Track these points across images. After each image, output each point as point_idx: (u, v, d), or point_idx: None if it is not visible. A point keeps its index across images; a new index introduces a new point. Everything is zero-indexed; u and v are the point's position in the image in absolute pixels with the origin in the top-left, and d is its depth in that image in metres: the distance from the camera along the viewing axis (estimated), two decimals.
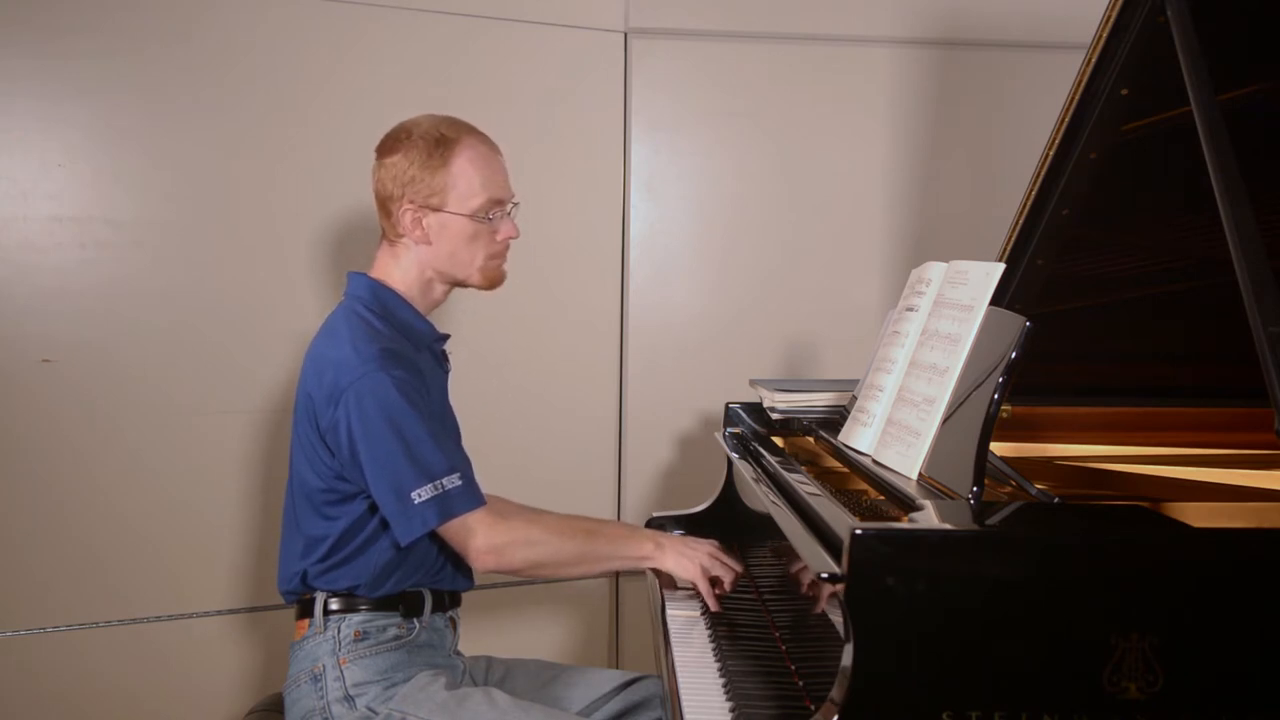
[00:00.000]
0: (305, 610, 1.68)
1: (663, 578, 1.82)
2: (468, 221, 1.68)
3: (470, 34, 2.59)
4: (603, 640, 2.85)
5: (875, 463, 1.55)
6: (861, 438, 1.63)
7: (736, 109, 2.77)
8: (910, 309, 1.63)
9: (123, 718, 2.40)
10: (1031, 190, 1.70)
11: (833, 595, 1.21)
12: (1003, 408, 1.30)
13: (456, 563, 1.71)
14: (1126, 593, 1.08)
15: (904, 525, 1.13)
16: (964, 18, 2.80)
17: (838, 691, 1.09)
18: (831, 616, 1.24)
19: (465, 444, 1.76)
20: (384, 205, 1.70)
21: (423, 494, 1.54)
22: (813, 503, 1.40)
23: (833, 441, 1.74)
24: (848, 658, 1.08)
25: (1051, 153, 1.65)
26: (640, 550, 1.68)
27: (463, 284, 1.74)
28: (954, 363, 1.42)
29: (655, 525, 2.07)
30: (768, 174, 2.80)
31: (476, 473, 1.64)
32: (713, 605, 1.66)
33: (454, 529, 1.57)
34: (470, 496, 1.58)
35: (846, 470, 1.75)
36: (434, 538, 1.61)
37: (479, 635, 2.31)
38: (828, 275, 2.83)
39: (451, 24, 2.57)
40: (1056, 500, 1.35)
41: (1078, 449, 1.78)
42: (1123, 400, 1.91)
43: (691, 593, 1.79)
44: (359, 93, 2.48)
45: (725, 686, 1.45)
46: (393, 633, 1.65)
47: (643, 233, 2.77)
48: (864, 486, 1.68)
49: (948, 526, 1.14)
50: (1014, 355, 1.29)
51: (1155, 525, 1.20)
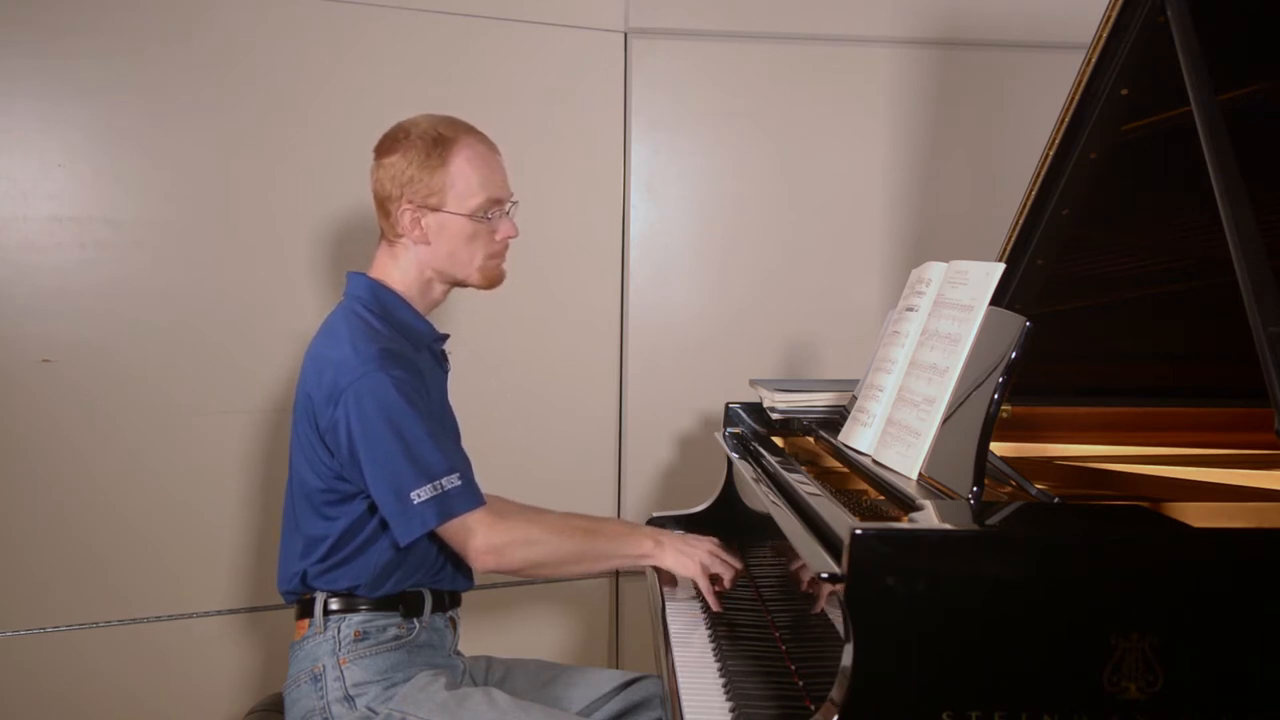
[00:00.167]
0: (305, 610, 1.68)
1: (663, 576, 1.83)
2: (466, 221, 1.68)
3: (470, 34, 2.59)
4: (603, 640, 2.85)
5: (875, 463, 1.55)
6: (861, 438, 1.63)
7: (736, 109, 2.77)
8: (910, 309, 1.63)
9: (123, 718, 2.40)
10: (1031, 190, 1.70)
11: (833, 595, 1.21)
12: (1003, 408, 1.30)
13: (456, 563, 1.71)
14: (1126, 593, 1.08)
15: (904, 525, 1.13)
16: (964, 18, 2.80)
17: (838, 691, 1.09)
18: (831, 616, 1.24)
19: (465, 444, 1.76)
20: (382, 205, 1.69)
21: (422, 494, 1.54)
22: (813, 503, 1.40)
23: (833, 441, 1.74)
24: (848, 658, 1.08)
25: (1051, 153, 1.65)
26: (640, 548, 1.68)
27: (462, 284, 1.74)
28: (954, 363, 1.42)
29: (655, 525, 2.06)
30: (768, 174, 2.80)
31: (476, 473, 1.64)
32: (713, 603, 1.66)
33: (453, 529, 1.57)
34: (469, 497, 1.58)
35: (846, 470, 1.75)
36: (433, 538, 1.61)
37: (479, 635, 2.32)
38: (828, 275, 2.83)
39: (451, 24, 2.57)
40: (1056, 500, 1.35)
41: (1078, 449, 1.78)
42: (1123, 400, 1.90)
43: (692, 593, 1.79)
44: (359, 93, 2.48)
45: (725, 686, 1.45)
46: (393, 633, 1.65)
47: (643, 233, 2.77)
48: (864, 486, 1.68)
49: (948, 526, 1.14)
50: (1014, 355, 1.29)
51: (1155, 525, 1.20)
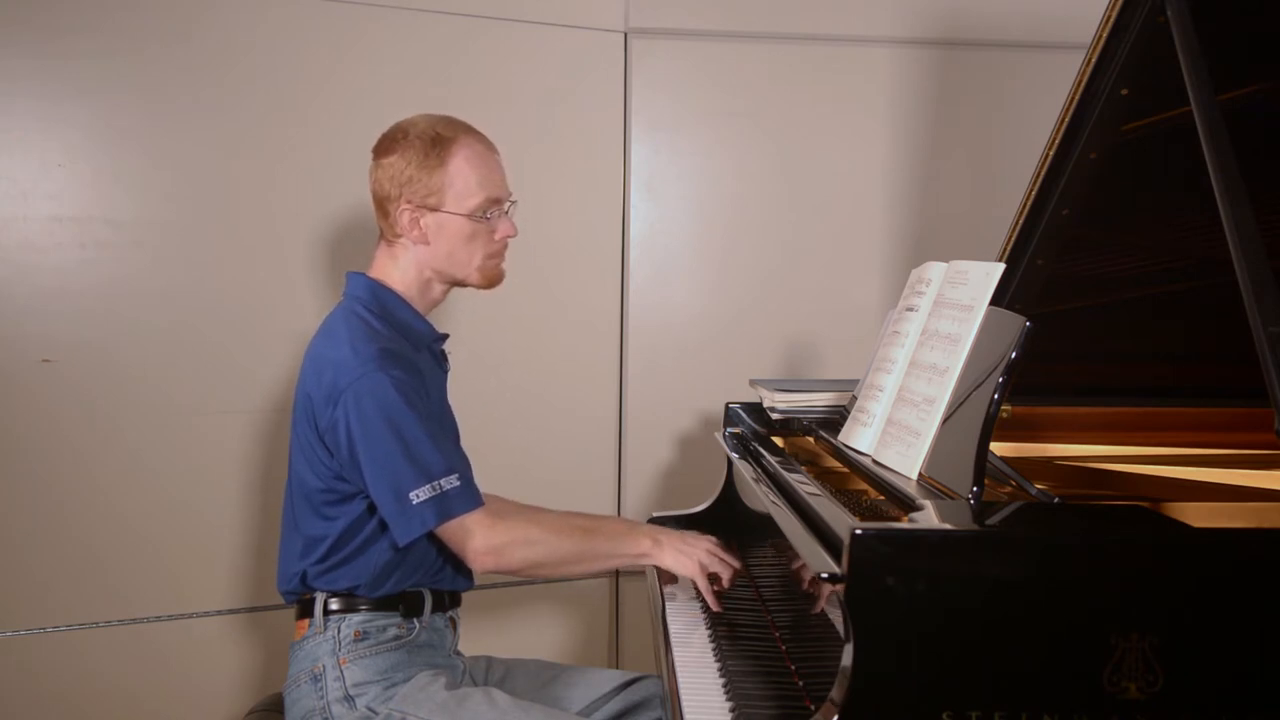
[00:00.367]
0: (305, 610, 1.68)
1: (663, 575, 1.83)
2: (465, 221, 1.68)
3: (470, 34, 2.59)
4: (603, 640, 2.85)
5: (875, 463, 1.55)
6: (861, 438, 1.63)
7: (736, 109, 2.77)
8: (910, 309, 1.63)
9: (123, 718, 2.40)
10: (1031, 190, 1.70)
11: (833, 595, 1.21)
12: (1003, 408, 1.30)
13: (456, 563, 1.71)
14: (1126, 593, 1.08)
15: (904, 525, 1.13)
16: (964, 18, 2.80)
17: (838, 691, 1.09)
18: (831, 616, 1.24)
19: (465, 444, 1.76)
20: (381, 206, 1.69)
21: (421, 494, 1.54)
22: (813, 503, 1.40)
23: (833, 441, 1.74)
24: (848, 658, 1.08)
25: (1051, 153, 1.65)
26: (638, 547, 1.68)
27: (461, 283, 1.74)
28: (954, 363, 1.42)
29: (655, 525, 2.06)
30: (768, 174, 2.80)
31: (476, 472, 1.64)
32: (711, 602, 1.66)
33: (452, 530, 1.57)
34: (468, 497, 1.58)
35: (846, 470, 1.75)
36: (432, 538, 1.61)
37: (479, 635, 2.32)
38: (828, 275, 2.83)
39: (451, 24, 2.57)
40: (1056, 500, 1.35)
41: (1078, 449, 1.78)
42: (1123, 400, 1.90)
43: (692, 593, 1.78)
44: (359, 93, 2.48)
45: (725, 686, 1.45)
46: (393, 633, 1.65)
47: (643, 233, 2.77)
48: (864, 486, 1.68)
49: (948, 526, 1.14)
50: (1014, 355, 1.29)
51: (1155, 525, 1.20)
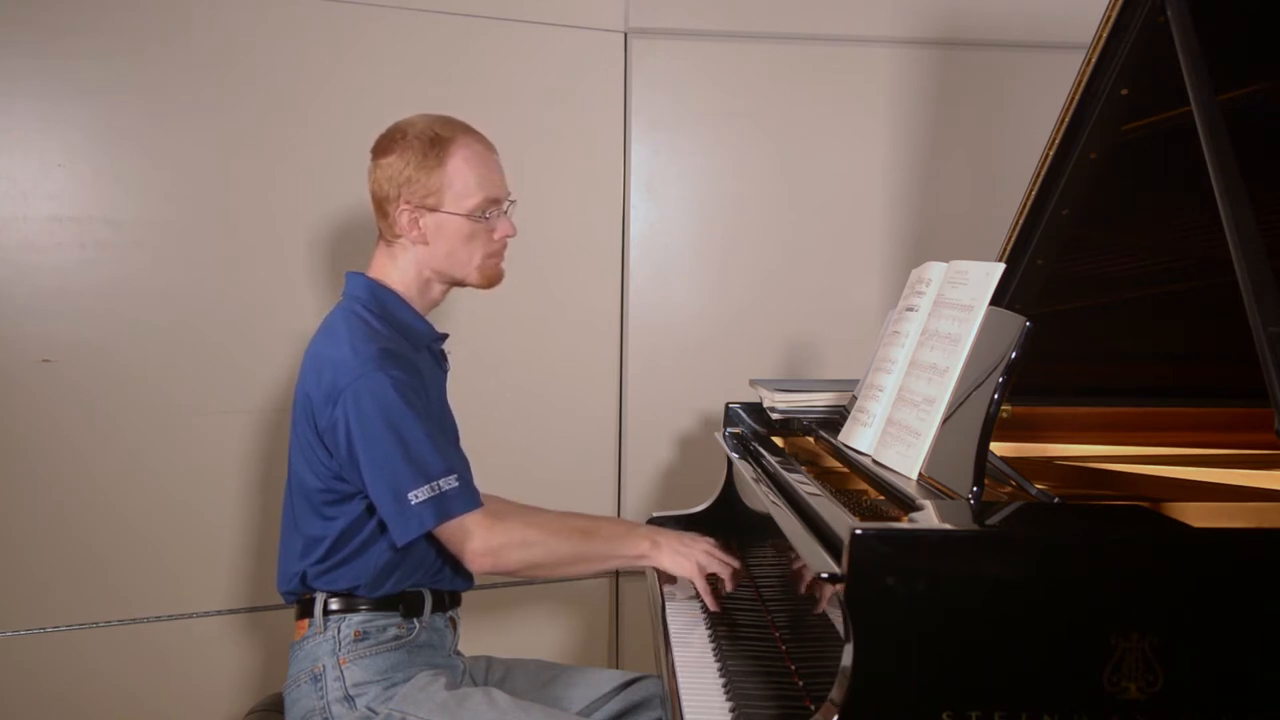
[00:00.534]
0: (305, 610, 1.68)
1: (663, 575, 1.83)
2: (464, 221, 1.68)
3: (470, 34, 2.59)
4: (603, 640, 2.85)
5: (875, 463, 1.55)
6: (861, 438, 1.63)
7: (736, 109, 2.77)
8: (910, 309, 1.63)
9: (123, 718, 2.40)
10: (1031, 190, 1.70)
11: (833, 595, 1.21)
12: (1003, 408, 1.30)
13: (456, 563, 1.70)
14: (1126, 593, 1.08)
15: (904, 525, 1.13)
16: (964, 18, 2.80)
17: (838, 691, 1.09)
18: (831, 616, 1.24)
19: (465, 444, 1.76)
20: (380, 206, 1.69)
21: (419, 495, 1.54)
22: (813, 503, 1.40)
23: (833, 441, 1.74)
24: (848, 658, 1.08)
25: (1051, 153, 1.65)
26: (636, 549, 1.67)
27: (461, 283, 1.74)
28: (954, 363, 1.42)
29: (655, 525, 2.06)
30: (768, 174, 2.80)
31: (476, 472, 1.64)
32: (710, 603, 1.66)
33: (450, 530, 1.57)
34: (467, 498, 1.58)
35: (846, 470, 1.75)
36: (431, 538, 1.61)
37: (479, 635, 2.31)
38: (828, 275, 2.83)
39: (451, 24, 2.57)
40: (1056, 500, 1.35)
41: (1078, 449, 1.78)
42: (1123, 400, 1.90)
43: (691, 593, 1.78)
44: (359, 93, 2.48)
45: (725, 686, 1.45)
46: (393, 633, 1.65)
47: (643, 233, 2.77)
48: (864, 486, 1.68)
49: (948, 526, 1.14)
50: (1014, 355, 1.29)
51: (1155, 525, 1.20)
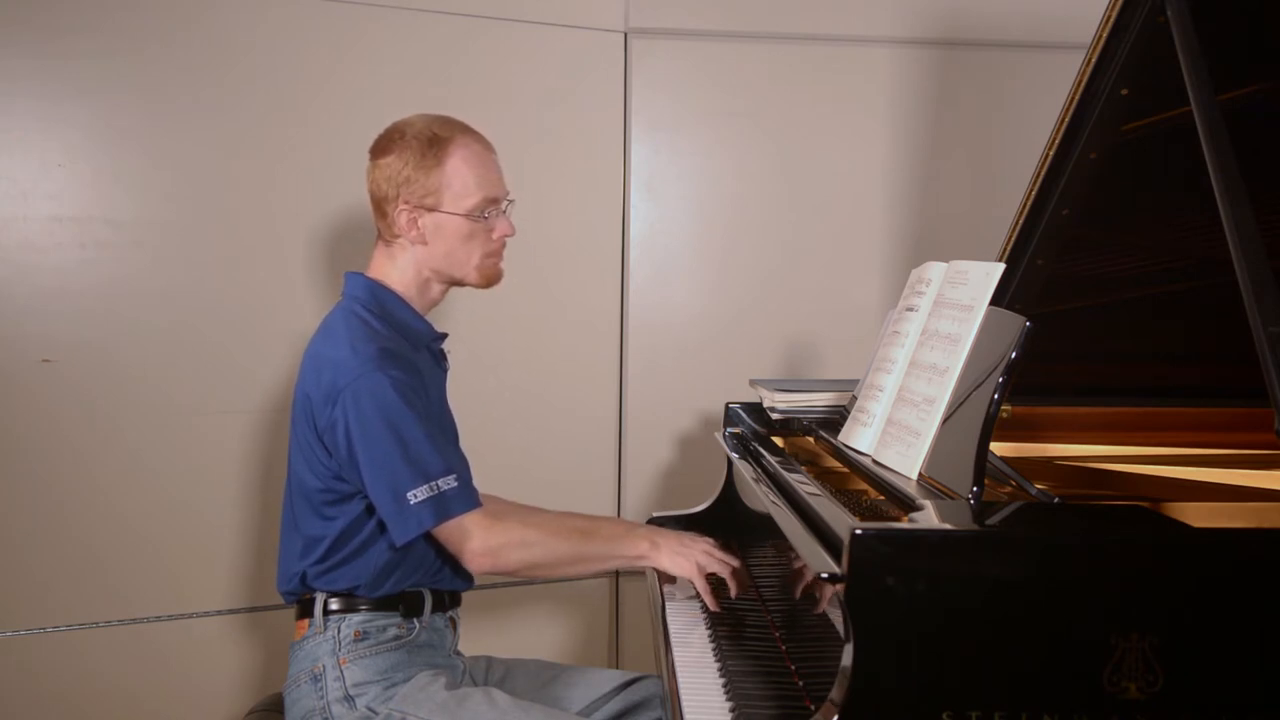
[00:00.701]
0: (305, 610, 1.68)
1: (663, 575, 1.83)
2: (463, 221, 1.68)
3: (470, 34, 2.59)
4: (603, 640, 2.85)
5: (875, 463, 1.55)
6: (861, 438, 1.63)
7: (736, 109, 2.77)
8: (910, 309, 1.63)
9: (123, 718, 2.40)
10: (1031, 190, 1.70)
11: (833, 595, 1.21)
12: (1003, 408, 1.30)
13: (455, 563, 1.70)
14: (1126, 593, 1.08)
15: (904, 525, 1.13)
16: (964, 18, 2.80)
17: (838, 691, 1.09)
18: (831, 616, 1.24)
19: (464, 444, 1.76)
20: (379, 206, 1.69)
21: (418, 495, 1.54)
22: (813, 503, 1.40)
23: (833, 441, 1.74)
24: (848, 658, 1.08)
25: (1051, 153, 1.65)
26: (635, 549, 1.67)
27: (460, 283, 1.74)
28: (954, 363, 1.42)
29: (655, 525, 2.06)
30: (768, 174, 2.80)
31: (475, 472, 1.64)
32: (710, 603, 1.66)
33: (449, 530, 1.57)
34: (466, 498, 1.58)
35: (846, 470, 1.75)
36: (430, 538, 1.61)
37: (479, 635, 2.31)
38: (828, 275, 2.83)
39: (451, 24, 2.57)
40: (1056, 500, 1.35)
41: (1078, 449, 1.78)
42: (1123, 400, 1.90)
43: (691, 593, 1.78)
44: (359, 93, 2.48)
45: (725, 686, 1.45)
46: (393, 633, 1.65)
47: (643, 233, 2.77)
48: (864, 486, 1.68)
49: (948, 526, 1.14)
50: (1014, 355, 1.29)
51: (1155, 525, 1.20)
